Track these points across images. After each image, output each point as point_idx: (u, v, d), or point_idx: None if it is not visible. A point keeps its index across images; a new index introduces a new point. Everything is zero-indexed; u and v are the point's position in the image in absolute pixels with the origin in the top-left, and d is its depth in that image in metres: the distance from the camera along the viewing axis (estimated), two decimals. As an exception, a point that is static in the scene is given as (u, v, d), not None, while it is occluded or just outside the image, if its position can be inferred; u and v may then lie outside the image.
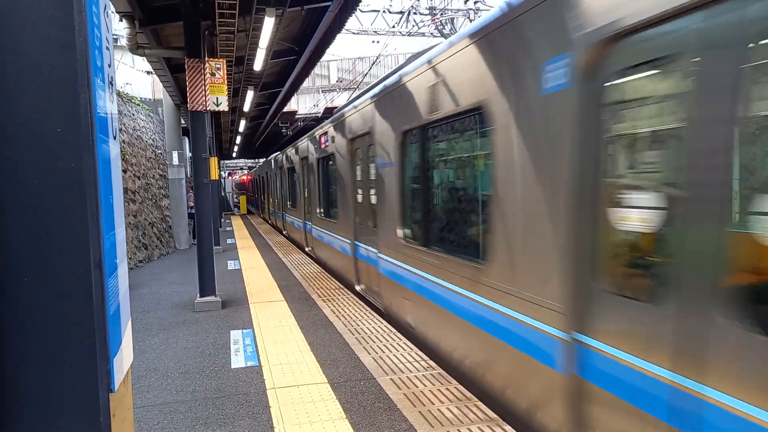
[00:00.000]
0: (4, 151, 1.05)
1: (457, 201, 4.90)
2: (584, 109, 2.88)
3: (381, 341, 5.81)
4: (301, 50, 12.52)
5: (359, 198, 8.15)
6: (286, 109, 23.39)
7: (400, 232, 6.18)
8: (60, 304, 1.10)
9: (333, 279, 9.89)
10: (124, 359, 1.32)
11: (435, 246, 5.30)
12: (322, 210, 11.44)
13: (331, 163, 10.13)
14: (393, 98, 6.22)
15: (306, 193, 13.35)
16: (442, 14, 18.53)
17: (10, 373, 1.08)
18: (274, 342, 5.97)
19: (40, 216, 1.08)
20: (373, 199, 7.21)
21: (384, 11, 20.10)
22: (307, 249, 14.04)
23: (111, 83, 1.32)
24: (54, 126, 1.08)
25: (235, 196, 50.68)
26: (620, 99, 2.75)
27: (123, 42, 8.90)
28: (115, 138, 1.34)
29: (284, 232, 19.33)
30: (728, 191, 2.17)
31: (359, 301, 7.92)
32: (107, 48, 1.30)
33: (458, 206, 4.87)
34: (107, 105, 1.26)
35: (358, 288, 8.65)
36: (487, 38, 3.90)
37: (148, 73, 24.39)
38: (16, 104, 1.05)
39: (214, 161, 10.75)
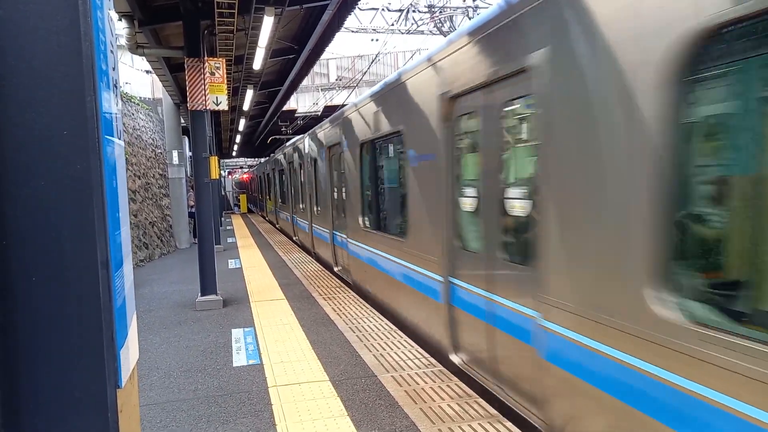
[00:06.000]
0: (15, 155, 1.07)
1: None
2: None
3: (382, 339, 5.84)
4: (300, 49, 12.54)
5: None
6: (285, 108, 23.41)
7: None
8: (68, 304, 1.12)
9: (333, 278, 9.84)
10: (130, 356, 1.34)
11: None
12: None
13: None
14: None
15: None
16: (441, 12, 18.51)
17: (22, 371, 1.10)
18: (275, 340, 6.00)
19: (49, 217, 1.10)
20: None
21: (383, 9, 20.10)
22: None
23: (115, 86, 1.35)
24: (61, 129, 1.10)
25: (235, 195, 50.69)
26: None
27: (122, 42, 8.91)
28: (119, 138, 1.37)
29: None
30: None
31: (360, 300, 7.90)
32: (111, 52, 1.32)
33: None
34: (112, 107, 1.29)
35: None
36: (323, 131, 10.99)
37: (148, 72, 24.39)
38: (26, 109, 1.07)
39: (214, 160, 10.74)
